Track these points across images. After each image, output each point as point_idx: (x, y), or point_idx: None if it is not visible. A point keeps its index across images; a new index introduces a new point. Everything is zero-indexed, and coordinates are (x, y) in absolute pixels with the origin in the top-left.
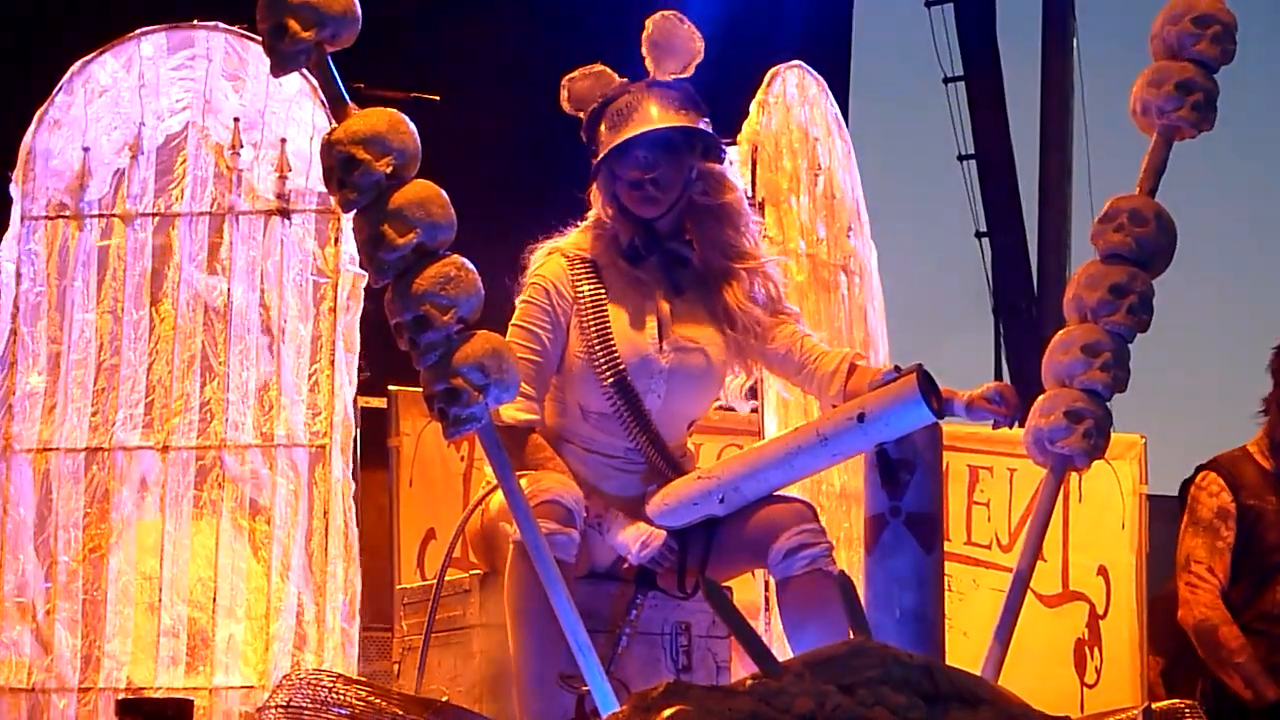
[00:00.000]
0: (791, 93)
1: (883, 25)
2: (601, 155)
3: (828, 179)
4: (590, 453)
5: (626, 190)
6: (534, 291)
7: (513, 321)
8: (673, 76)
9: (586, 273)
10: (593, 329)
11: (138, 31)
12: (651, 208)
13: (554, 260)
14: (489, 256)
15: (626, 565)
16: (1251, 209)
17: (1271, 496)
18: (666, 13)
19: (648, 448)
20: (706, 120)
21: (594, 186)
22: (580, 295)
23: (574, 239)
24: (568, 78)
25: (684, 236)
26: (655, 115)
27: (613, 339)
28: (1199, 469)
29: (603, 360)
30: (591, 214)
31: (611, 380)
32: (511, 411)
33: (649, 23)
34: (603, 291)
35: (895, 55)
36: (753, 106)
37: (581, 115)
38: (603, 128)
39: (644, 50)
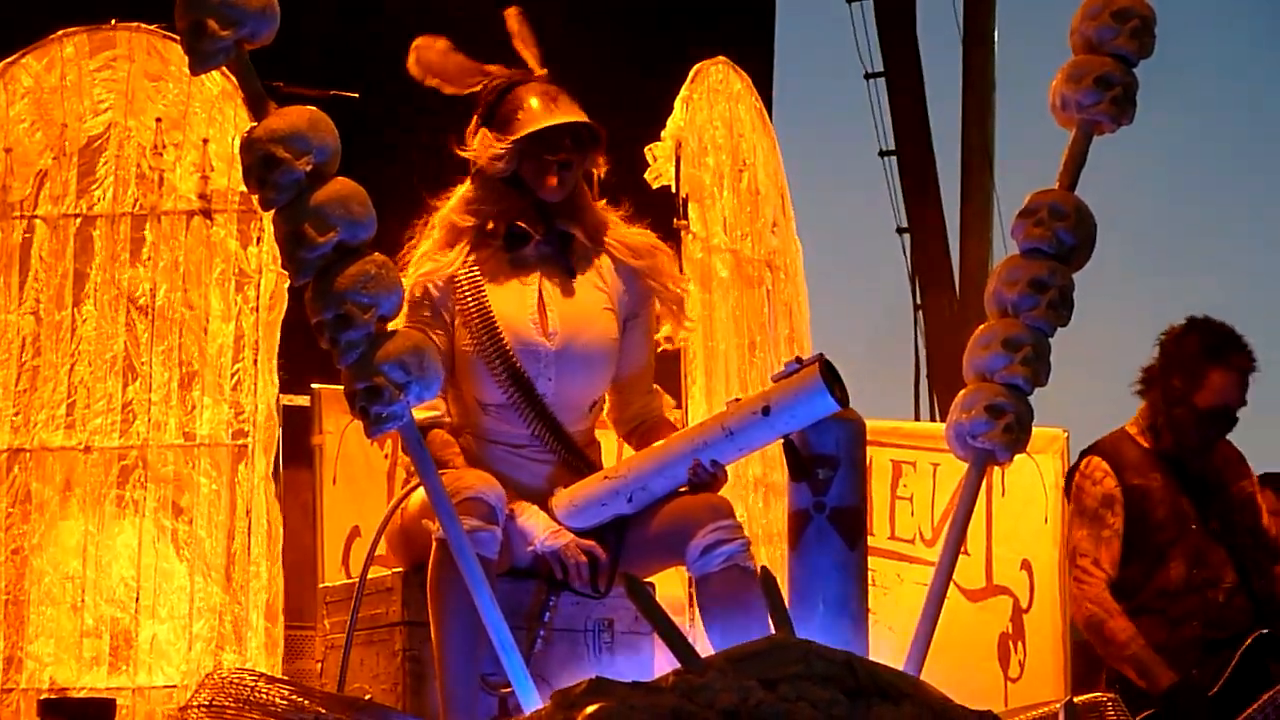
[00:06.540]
0: (716, 88)
1: (802, 21)
2: (528, 131)
3: (751, 175)
4: (495, 444)
5: (544, 170)
6: (414, 292)
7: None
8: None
9: (463, 267)
10: (477, 321)
11: (60, 33)
12: (559, 192)
13: (427, 263)
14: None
15: (547, 562)
16: (1175, 202)
17: (1155, 474)
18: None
19: (547, 435)
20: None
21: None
22: (460, 288)
23: (434, 243)
24: (417, 44)
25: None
26: (577, 110)
27: (498, 328)
28: (1082, 454)
29: (491, 351)
30: (440, 215)
31: (503, 370)
32: (416, 410)
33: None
34: (482, 282)
35: (815, 51)
36: (677, 102)
37: (428, 81)
38: (520, 115)
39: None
